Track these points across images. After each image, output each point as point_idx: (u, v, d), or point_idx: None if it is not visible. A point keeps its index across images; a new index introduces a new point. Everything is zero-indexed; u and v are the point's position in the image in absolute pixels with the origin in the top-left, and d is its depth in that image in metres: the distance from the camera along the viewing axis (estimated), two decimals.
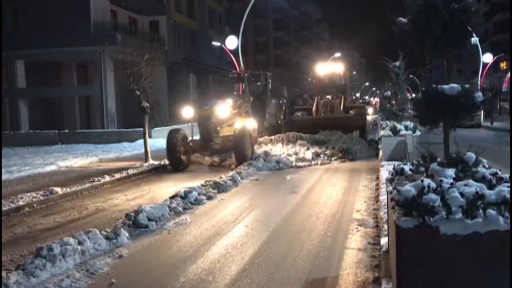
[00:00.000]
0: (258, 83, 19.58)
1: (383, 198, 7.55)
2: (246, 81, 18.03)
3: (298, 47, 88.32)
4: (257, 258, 6.01)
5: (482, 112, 37.16)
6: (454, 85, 5.03)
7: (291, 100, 44.86)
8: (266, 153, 15.20)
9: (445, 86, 5.03)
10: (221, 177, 11.46)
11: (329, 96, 21.83)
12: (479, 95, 5.13)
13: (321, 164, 14.85)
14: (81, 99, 31.85)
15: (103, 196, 10.81)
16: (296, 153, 15.48)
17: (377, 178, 11.46)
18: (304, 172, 13.63)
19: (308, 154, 15.29)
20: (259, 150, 16.13)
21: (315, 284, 5.13)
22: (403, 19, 5.55)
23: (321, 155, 15.49)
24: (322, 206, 9.07)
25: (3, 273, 5.22)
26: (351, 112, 20.53)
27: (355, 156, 15.96)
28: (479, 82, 44.05)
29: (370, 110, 49.13)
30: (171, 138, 14.68)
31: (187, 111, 15.81)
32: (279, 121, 19.75)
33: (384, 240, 5.87)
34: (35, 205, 9.65)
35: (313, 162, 14.91)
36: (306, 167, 14.43)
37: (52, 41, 26.72)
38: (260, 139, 17.59)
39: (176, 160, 14.65)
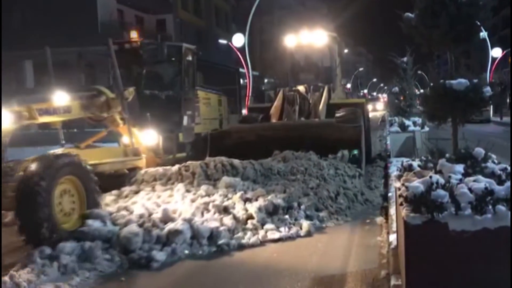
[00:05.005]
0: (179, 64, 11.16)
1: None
2: (114, 59, 9.15)
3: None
4: None
5: (491, 107, 36.85)
6: (463, 80, 4.99)
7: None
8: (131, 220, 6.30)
9: (453, 81, 5.00)
10: None
11: (300, 87, 12.86)
12: (487, 90, 5.08)
13: (273, 239, 6.37)
14: None
15: None
16: (219, 211, 6.83)
17: None
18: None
19: (252, 209, 6.84)
20: (129, 202, 7.32)
21: (324, 281, 5.11)
22: (410, 14, 5.52)
23: (280, 210, 7.01)
24: None
25: (14, 272, 5.25)
26: (338, 114, 11.11)
27: (340, 212, 7.66)
28: (488, 77, 43.70)
29: (378, 106, 48.67)
30: None
31: None
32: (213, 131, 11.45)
33: (392, 237, 5.85)
34: None
35: (254, 237, 6.34)
36: (233, 253, 6.03)
37: (59, 41, 26.87)
38: (141, 173, 8.56)
39: None
